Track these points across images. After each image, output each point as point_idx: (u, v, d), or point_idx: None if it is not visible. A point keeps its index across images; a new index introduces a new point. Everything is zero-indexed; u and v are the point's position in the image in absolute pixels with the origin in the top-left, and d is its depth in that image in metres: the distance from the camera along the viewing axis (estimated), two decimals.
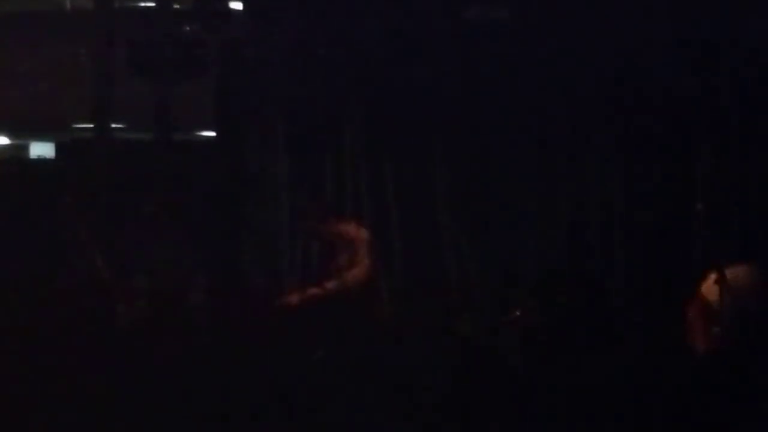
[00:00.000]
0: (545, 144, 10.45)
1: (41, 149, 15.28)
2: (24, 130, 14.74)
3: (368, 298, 9.23)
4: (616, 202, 10.36)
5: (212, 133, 11.59)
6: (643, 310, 9.67)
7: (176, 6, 10.98)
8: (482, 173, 10.48)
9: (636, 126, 10.32)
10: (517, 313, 8.87)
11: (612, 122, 10.40)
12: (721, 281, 8.49)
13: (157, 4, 11.06)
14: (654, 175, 10.28)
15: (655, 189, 10.27)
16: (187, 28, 10.61)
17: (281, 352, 7.10)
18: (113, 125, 11.48)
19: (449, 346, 7.71)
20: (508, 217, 10.40)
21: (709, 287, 8.78)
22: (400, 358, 7.75)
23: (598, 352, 7.69)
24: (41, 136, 15.20)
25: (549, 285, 9.84)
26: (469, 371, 6.98)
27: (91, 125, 11.48)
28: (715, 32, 9.97)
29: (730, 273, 8.61)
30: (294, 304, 9.15)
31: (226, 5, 10.81)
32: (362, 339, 7.36)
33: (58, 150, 12.62)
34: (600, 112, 10.39)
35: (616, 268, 10.29)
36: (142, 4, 11.68)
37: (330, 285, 9.25)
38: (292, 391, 6.84)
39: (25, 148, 15.74)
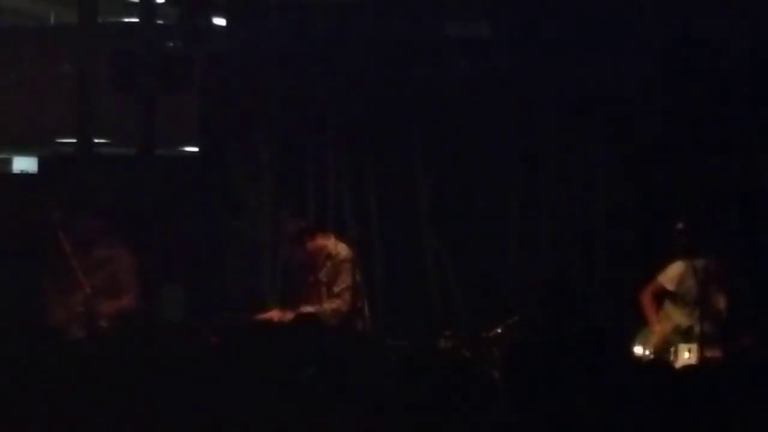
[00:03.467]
0: (527, 159, 10.48)
1: (24, 163, 15.26)
2: (7, 144, 14.71)
3: (349, 315, 9.19)
4: (597, 218, 10.40)
5: (195, 148, 11.61)
6: (624, 323, 9.71)
7: (160, 21, 11.00)
8: (464, 189, 10.51)
9: (618, 140, 10.35)
10: (498, 330, 8.95)
11: (594, 137, 10.43)
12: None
13: (140, 20, 11.07)
14: (635, 191, 10.32)
15: (635, 204, 10.31)
16: (171, 44, 10.61)
17: (263, 370, 7.10)
18: (96, 140, 11.48)
19: (431, 362, 7.72)
20: (489, 234, 10.42)
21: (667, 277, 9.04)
22: (381, 374, 7.75)
23: (579, 367, 7.73)
24: (24, 150, 15.18)
25: (531, 301, 9.92)
26: (450, 387, 7.00)
27: (75, 140, 11.49)
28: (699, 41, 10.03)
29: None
30: (276, 321, 9.13)
31: (210, 21, 10.83)
32: (343, 356, 7.35)
33: (40, 164, 12.59)
34: (581, 127, 10.42)
35: (597, 283, 10.32)
36: (126, 20, 11.71)
37: (312, 305, 9.21)
38: (276, 409, 6.84)
39: (8, 162, 15.72)
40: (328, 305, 9.17)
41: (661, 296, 9.15)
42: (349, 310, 9.19)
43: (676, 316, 9.06)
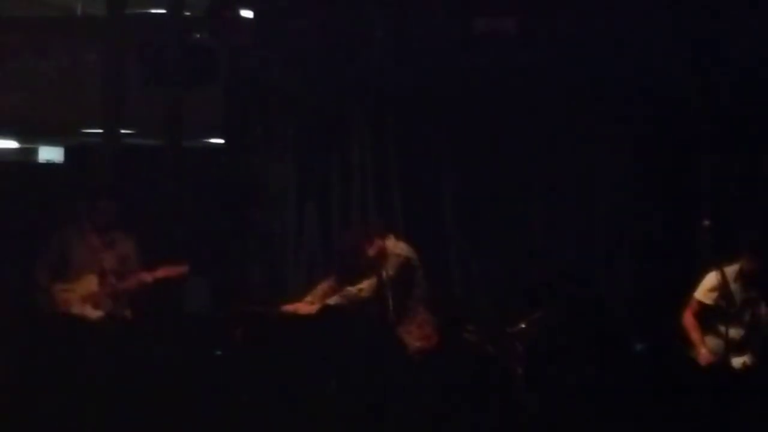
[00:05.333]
0: (552, 155, 10.47)
1: (50, 153, 15.35)
2: (33, 134, 14.79)
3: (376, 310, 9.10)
4: (622, 214, 10.38)
5: (221, 140, 11.63)
6: (645, 320, 9.70)
7: (187, 14, 11.03)
8: (488, 185, 10.50)
9: (642, 136, 10.34)
10: (522, 326, 8.93)
11: (617, 132, 10.42)
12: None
13: (167, 12, 11.11)
14: (661, 187, 10.30)
15: (661, 201, 10.29)
16: (197, 36, 10.64)
17: (290, 360, 7.14)
18: (122, 131, 11.53)
19: (455, 356, 7.74)
20: (513, 229, 10.41)
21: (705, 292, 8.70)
22: (407, 367, 7.77)
23: (600, 362, 7.74)
24: (50, 141, 15.26)
25: (553, 296, 9.91)
26: (474, 381, 7.03)
27: (101, 130, 11.54)
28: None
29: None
30: (301, 313, 9.12)
31: (236, 13, 10.84)
32: (370, 349, 7.38)
33: (67, 154, 12.65)
34: (605, 121, 10.41)
35: (619, 279, 10.30)
36: (153, 12, 11.74)
37: (339, 297, 9.12)
38: (299, 394, 6.88)
39: (34, 153, 15.81)
40: (353, 288, 9.06)
41: (704, 312, 8.71)
42: (371, 296, 9.02)
43: (724, 330, 8.53)
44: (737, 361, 8.50)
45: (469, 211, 10.55)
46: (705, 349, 8.55)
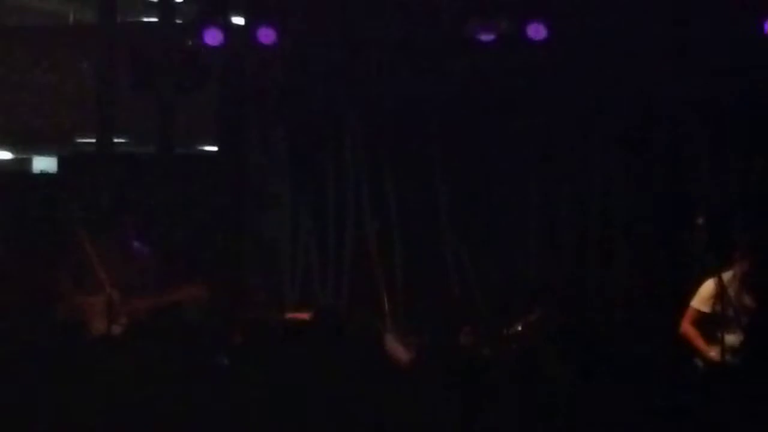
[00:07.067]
0: (546, 157, 10.47)
1: (44, 163, 15.33)
2: (27, 143, 14.78)
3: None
4: (616, 215, 10.39)
5: (214, 147, 11.63)
6: (643, 321, 9.71)
7: (179, 21, 11.02)
8: (484, 188, 10.50)
9: (637, 138, 10.35)
10: (519, 328, 8.94)
11: (613, 135, 10.43)
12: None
13: (159, 19, 11.11)
14: (653, 188, 10.32)
15: (656, 201, 10.30)
16: (189, 43, 10.62)
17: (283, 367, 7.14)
18: (116, 139, 11.52)
19: (452, 359, 7.73)
20: (510, 231, 10.42)
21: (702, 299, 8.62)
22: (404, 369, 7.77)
23: (598, 363, 7.74)
24: (44, 150, 15.26)
25: (550, 298, 9.92)
26: (472, 383, 7.03)
27: (94, 139, 11.54)
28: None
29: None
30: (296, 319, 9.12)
31: (228, 20, 10.83)
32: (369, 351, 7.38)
33: (60, 163, 12.64)
34: (600, 124, 10.42)
35: (615, 281, 10.31)
36: (145, 19, 11.76)
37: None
38: (293, 399, 6.88)
39: (28, 162, 15.80)
40: None
41: (704, 321, 8.57)
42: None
43: (728, 337, 8.30)
44: (737, 365, 8.35)
45: (466, 214, 10.55)
46: (713, 353, 8.45)
